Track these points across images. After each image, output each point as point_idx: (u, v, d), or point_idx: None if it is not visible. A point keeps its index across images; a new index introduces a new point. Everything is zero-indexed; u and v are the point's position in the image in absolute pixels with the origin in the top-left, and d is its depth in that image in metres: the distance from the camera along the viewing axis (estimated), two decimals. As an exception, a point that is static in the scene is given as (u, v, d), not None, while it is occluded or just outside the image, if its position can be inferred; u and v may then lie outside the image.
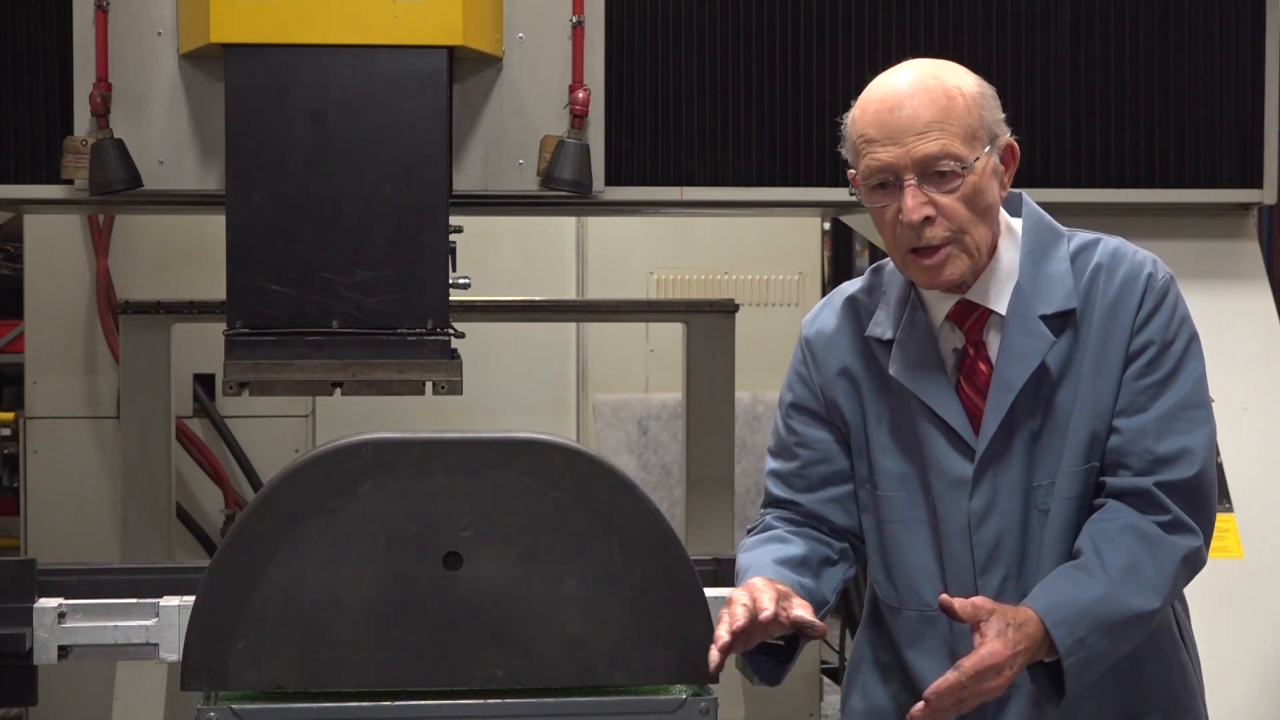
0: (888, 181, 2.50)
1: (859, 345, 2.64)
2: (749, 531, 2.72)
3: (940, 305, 2.59)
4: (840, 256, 6.95)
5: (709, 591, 2.44)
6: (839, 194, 4.25)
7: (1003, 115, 2.56)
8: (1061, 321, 2.54)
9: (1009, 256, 2.58)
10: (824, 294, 6.24)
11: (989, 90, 2.56)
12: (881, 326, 2.62)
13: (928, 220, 2.48)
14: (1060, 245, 2.59)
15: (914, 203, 2.48)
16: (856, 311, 2.67)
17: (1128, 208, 4.35)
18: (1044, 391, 2.53)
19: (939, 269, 2.52)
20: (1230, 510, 4.11)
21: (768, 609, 2.37)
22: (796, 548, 2.61)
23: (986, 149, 2.51)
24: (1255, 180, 4.40)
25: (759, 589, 2.42)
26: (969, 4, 4.28)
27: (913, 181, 2.48)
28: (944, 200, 2.48)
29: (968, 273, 2.54)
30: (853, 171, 2.58)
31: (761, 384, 5.99)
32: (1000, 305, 2.56)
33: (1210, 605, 2.59)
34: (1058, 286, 2.55)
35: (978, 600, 2.41)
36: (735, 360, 5.14)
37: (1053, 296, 2.55)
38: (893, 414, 2.61)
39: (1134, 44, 4.34)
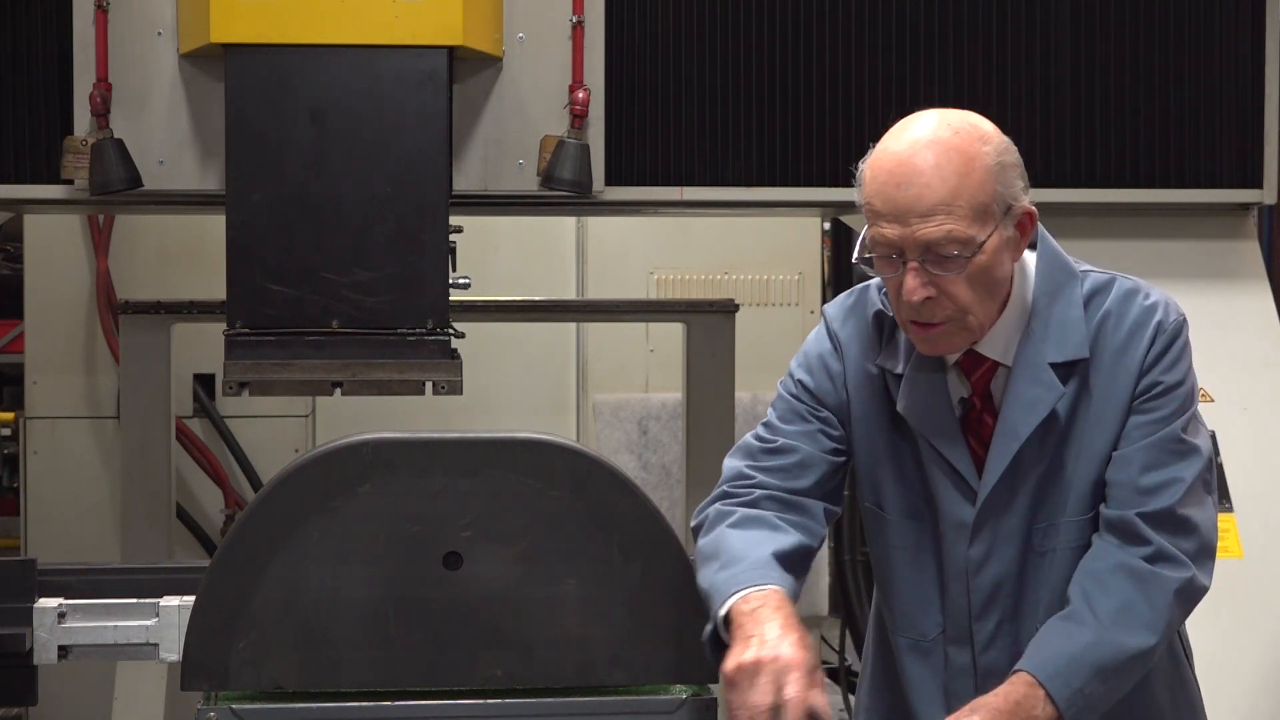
0: (892, 256, 2.42)
1: (876, 368, 2.57)
2: (723, 498, 2.55)
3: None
4: (840, 256, 6.93)
5: (709, 591, 2.43)
6: (839, 194, 4.26)
7: (1023, 182, 2.45)
8: (1070, 369, 2.49)
9: (1022, 299, 2.51)
10: (824, 294, 6.33)
11: (1010, 158, 2.44)
12: (894, 359, 2.54)
13: (928, 300, 2.40)
14: (1074, 287, 2.52)
15: (914, 284, 2.39)
16: (879, 331, 2.58)
17: (1128, 208, 4.34)
18: (1050, 439, 2.49)
19: (936, 342, 2.46)
20: (1230, 510, 4.11)
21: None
22: (790, 538, 2.50)
23: (998, 225, 2.42)
24: (1255, 180, 4.40)
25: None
26: (969, 5, 4.28)
27: (915, 263, 2.39)
28: (946, 281, 2.40)
29: (965, 346, 2.48)
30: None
31: (761, 384, 5.98)
32: (1009, 357, 2.50)
33: (1210, 605, 2.57)
34: (1070, 333, 2.49)
35: None
36: (735, 360, 5.14)
37: (1064, 344, 2.49)
38: (901, 447, 2.55)
39: (1134, 44, 4.34)
